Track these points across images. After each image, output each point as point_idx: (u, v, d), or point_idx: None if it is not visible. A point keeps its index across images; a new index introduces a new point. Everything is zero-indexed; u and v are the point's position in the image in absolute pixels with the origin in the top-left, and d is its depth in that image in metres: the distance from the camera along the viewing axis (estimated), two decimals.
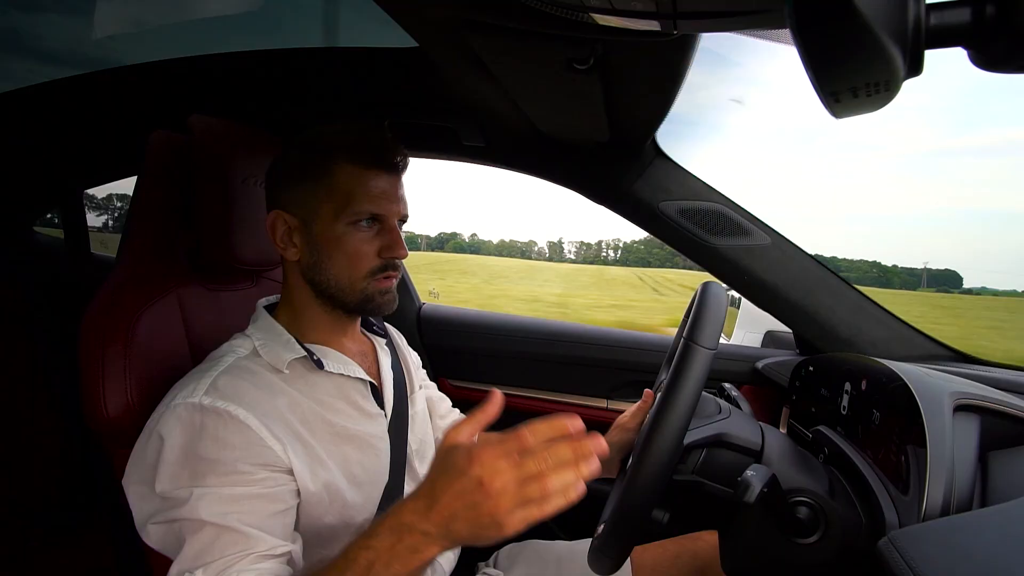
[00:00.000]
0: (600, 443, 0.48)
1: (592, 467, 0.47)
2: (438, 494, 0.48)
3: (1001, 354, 1.06)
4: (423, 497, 0.50)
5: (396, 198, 0.72)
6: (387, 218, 0.71)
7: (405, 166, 0.74)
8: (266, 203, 0.75)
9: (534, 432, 0.47)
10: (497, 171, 1.32)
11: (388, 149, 0.71)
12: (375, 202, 0.70)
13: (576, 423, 0.49)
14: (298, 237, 0.71)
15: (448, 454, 0.50)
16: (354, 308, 0.74)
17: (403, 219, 0.74)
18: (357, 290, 0.71)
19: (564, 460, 0.46)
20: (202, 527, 0.57)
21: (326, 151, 0.70)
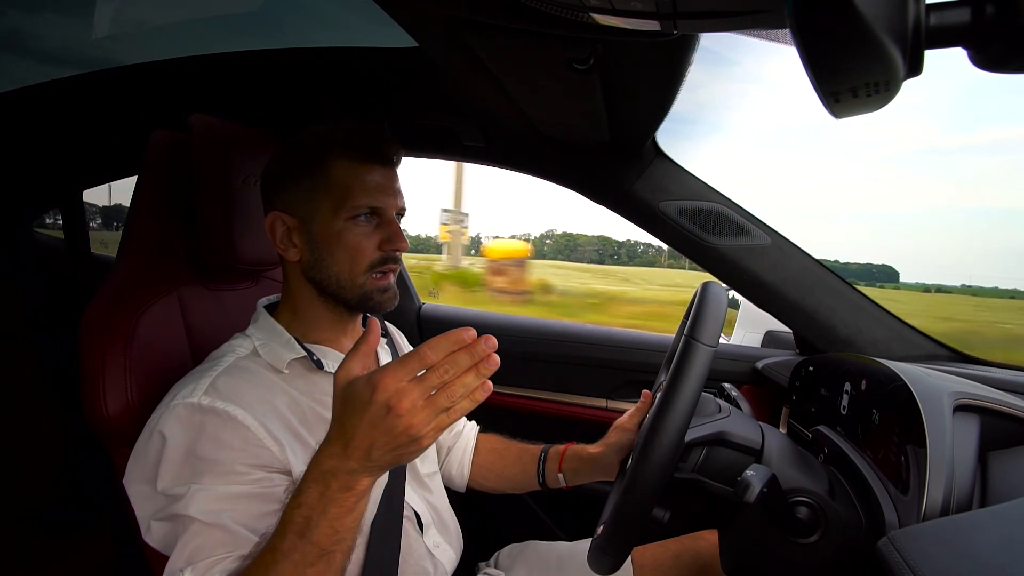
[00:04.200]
0: (491, 341, 0.48)
1: (492, 365, 0.48)
2: (350, 431, 0.49)
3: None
4: (336, 439, 0.51)
5: (393, 191, 0.73)
6: (385, 211, 0.72)
7: (399, 160, 0.75)
8: (263, 205, 0.75)
9: (433, 348, 0.47)
10: (423, 163, 1.32)
11: (382, 143, 0.72)
12: (372, 195, 0.70)
13: (470, 332, 0.48)
14: (297, 237, 0.72)
15: (347, 390, 0.50)
16: (355, 305, 0.74)
17: (401, 212, 0.75)
18: (357, 285, 0.72)
19: (463, 365, 0.47)
20: (193, 524, 0.57)
21: (321, 149, 0.70)
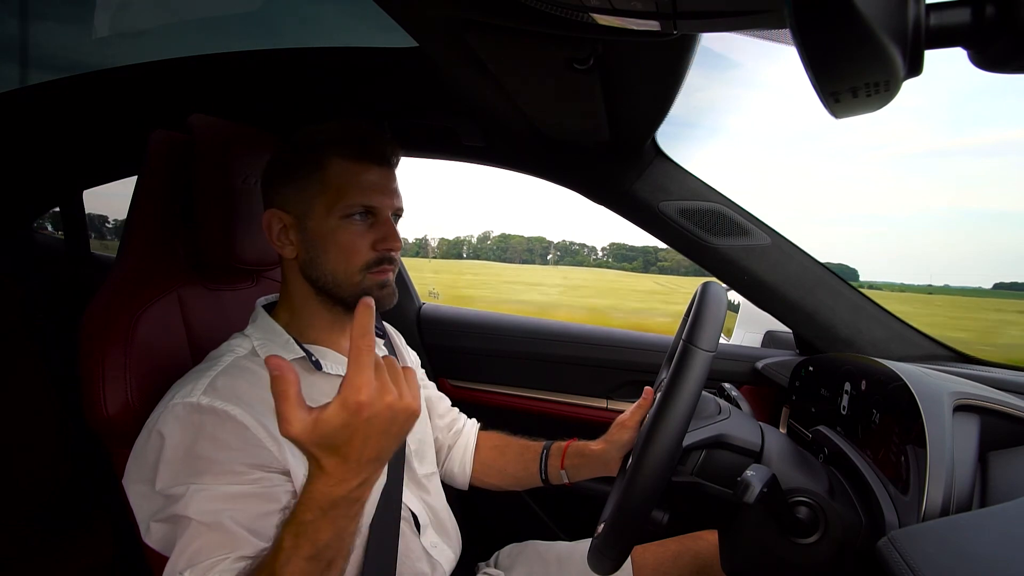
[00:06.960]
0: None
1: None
2: (347, 453, 0.50)
3: None
4: (332, 473, 0.50)
5: (388, 191, 0.73)
6: (380, 210, 0.72)
7: (397, 160, 0.75)
8: (263, 203, 0.75)
9: (361, 335, 0.51)
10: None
11: (378, 143, 0.72)
12: (367, 194, 0.71)
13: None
14: (293, 234, 0.72)
15: (318, 435, 0.49)
16: (352, 303, 0.73)
17: (397, 212, 0.75)
18: (354, 283, 0.71)
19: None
20: (192, 524, 0.57)
21: (317, 147, 0.71)
